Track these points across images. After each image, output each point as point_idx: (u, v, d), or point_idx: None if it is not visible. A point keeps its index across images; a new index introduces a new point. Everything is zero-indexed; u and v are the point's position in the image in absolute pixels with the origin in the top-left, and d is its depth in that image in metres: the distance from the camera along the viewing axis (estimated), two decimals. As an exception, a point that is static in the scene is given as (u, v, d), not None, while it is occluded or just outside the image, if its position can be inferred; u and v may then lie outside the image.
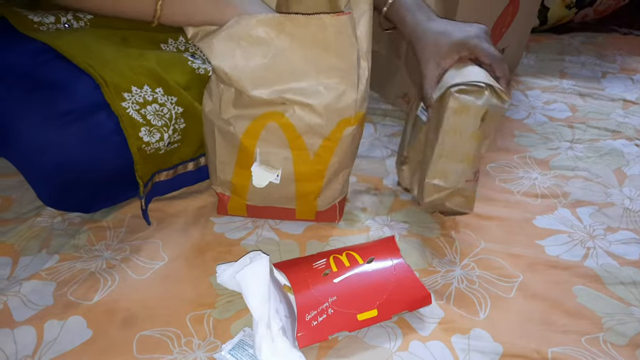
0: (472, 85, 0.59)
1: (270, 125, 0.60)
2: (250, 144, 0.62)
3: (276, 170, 0.63)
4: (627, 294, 0.63)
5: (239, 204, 0.70)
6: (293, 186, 0.65)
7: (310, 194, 0.66)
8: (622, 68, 1.19)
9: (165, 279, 0.63)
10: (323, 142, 0.61)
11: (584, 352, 0.56)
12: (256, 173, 0.63)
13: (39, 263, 0.65)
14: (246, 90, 0.58)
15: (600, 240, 0.71)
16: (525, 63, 1.19)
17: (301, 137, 0.60)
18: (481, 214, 0.74)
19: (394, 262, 0.63)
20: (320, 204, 0.68)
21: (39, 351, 0.54)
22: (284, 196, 0.67)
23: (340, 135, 0.61)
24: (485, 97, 0.58)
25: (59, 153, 0.61)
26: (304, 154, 0.62)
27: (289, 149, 0.62)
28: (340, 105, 0.59)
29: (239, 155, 0.63)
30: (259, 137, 0.61)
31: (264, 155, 0.63)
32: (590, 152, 0.89)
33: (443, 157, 0.64)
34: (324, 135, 0.61)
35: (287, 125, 0.60)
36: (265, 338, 0.52)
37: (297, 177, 0.64)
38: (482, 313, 0.60)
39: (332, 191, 0.67)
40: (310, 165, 0.63)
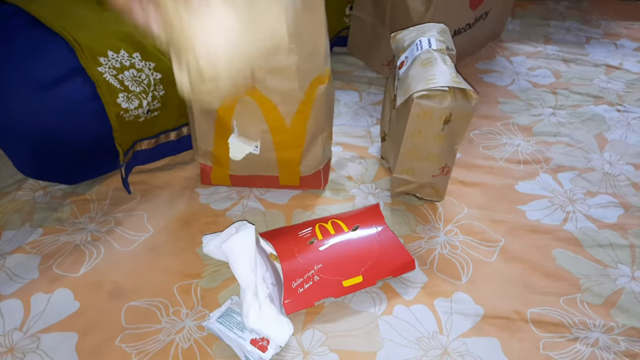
0: (435, 90, 0.59)
1: (245, 99, 0.59)
2: (227, 116, 0.61)
3: (254, 141, 0.63)
4: (605, 256, 0.65)
5: (222, 173, 0.70)
6: (273, 154, 0.65)
7: (292, 161, 0.66)
8: (606, 33, 1.18)
9: (151, 250, 0.63)
10: (299, 107, 0.60)
11: (561, 312, 0.58)
12: (233, 145, 0.63)
13: (23, 237, 0.64)
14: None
15: (580, 204, 0.72)
16: (510, 29, 1.18)
17: (277, 107, 0.60)
18: (464, 181, 0.75)
19: (378, 229, 0.64)
20: (303, 169, 0.68)
21: (27, 323, 0.55)
22: (265, 165, 0.67)
23: (314, 95, 0.60)
24: (448, 100, 0.58)
25: (33, 120, 0.60)
26: (281, 124, 0.61)
27: (265, 121, 0.61)
28: (313, 64, 0.58)
29: (216, 126, 0.63)
30: (234, 110, 0.61)
31: (241, 127, 0.62)
32: (573, 117, 0.90)
33: (408, 156, 0.65)
34: (299, 99, 0.60)
35: (260, 98, 0.59)
36: (253, 306, 0.53)
37: (276, 146, 0.64)
38: (464, 277, 0.62)
39: (313, 155, 0.67)
40: (288, 133, 0.63)
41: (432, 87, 0.58)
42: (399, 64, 0.68)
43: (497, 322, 0.57)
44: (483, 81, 1.00)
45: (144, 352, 0.53)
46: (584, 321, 0.57)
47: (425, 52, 0.64)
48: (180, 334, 0.54)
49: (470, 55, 1.07)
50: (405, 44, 0.69)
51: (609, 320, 0.57)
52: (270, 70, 0.57)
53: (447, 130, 0.61)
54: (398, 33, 0.72)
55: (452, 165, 0.66)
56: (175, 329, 0.55)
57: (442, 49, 0.64)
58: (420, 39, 0.66)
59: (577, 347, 0.55)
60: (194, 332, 0.55)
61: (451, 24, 0.87)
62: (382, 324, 0.56)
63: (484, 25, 1.01)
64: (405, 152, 0.64)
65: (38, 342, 0.53)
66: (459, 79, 0.59)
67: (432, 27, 0.69)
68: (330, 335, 0.55)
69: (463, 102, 0.59)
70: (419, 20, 0.85)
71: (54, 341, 0.53)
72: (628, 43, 1.15)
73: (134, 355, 0.52)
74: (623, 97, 0.96)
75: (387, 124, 0.74)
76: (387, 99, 0.75)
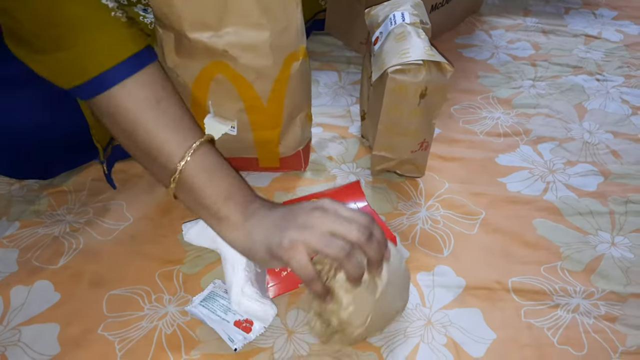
0: (409, 64, 0.58)
1: (219, 77, 0.58)
2: (202, 96, 0.60)
3: (230, 121, 0.62)
4: (585, 224, 0.66)
5: None
6: (251, 135, 0.64)
7: (270, 142, 0.66)
8: (585, 3, 1.18)
9: (132, 239, 0.63)
10: (274, 85, 0.59)
11: (542, 280, 0.59)
12: (209, 125, 0.62)
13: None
14: (184, 32, 0.55)
15: (560, 174, 0.73)
16: (490, 2, 1.17)
17: (252, 86, 0.59)
18: (445, 156, 0.75)
19: (359, 206, 0.64)
20: (282, 150, 0.67)
21: (7, 317, 0.54)
22: (244, 146, 0.66)
23: (289, 72, 0.60)
24: (423, 74, 0.58)
25: (6, 119, 0.59)
26: (257, 103, 0.60)
27: (241, 100, 0.60)
28: (288, 40, 0.57)
29: (192, 107, 0.61)
30: (209, 89, 0.60)
31: (216, 107, 0.61)
32: (552, 89, 0.90)
33: (386, 133, 0.64)
34: (273, 77, 0.59)
35: (235, 76, 0.58)
36: (242, 280, 0.52)
37: (253, 126, 0.63)
38: (446, 250, 0.62)
39: (292, 136, 0.67)
40: (265, 113, 0.62)
41: (406, 61, 0.58)
42: (373, 39, 0.67)
43: (478, 292, 0.57)
44: (463, 56, 0.99)
45: (127, 339, 0.52)
46: (564, 288, 0.58)
47: (399, 27, 0.63)
48: (164, 319, 0.54)
49: (449, 30, 1.06)
50: (379, 19, 0.68)
51: (589, 286, 0.58)
52: (243, 47, 0.56)
53: (423, 105, 0.61)
54: (372, 9, 0.71)
55: (431, 140, 0.66)
56: (158, 315, 0.55)
57: (415, 22, 0.63)
58: (393, 14, 0.65)
59: (558, 313, 0.55)
60: (177, 317, 0.55)
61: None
62: (365, 300, 0.56)
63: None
64: (383, 128, 0.64)
65: (19, 334, 0.53)
66: (433, 52, 0.59)
67: (406, 1, 0.68)
68: (314, 314, 0.55)
69: (438, 75, 0.59)
70: (395, -4, 0.84)
71: (36, 333, 0.53)
72: (607, 12, 1.15)
73: (117, 342, 0.52)
74: (602, 66, 0.96)
75: (366, 102, 0.73)
76: (364, 76, 0.75)
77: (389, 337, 0.53)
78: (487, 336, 0.53)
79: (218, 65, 0.57)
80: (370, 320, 0.48)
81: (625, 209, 0.67)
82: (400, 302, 0.53)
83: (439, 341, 0.53)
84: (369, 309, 0.48)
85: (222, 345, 0.52)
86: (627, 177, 0.72)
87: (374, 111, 0.66)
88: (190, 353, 0.51)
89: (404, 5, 0.67)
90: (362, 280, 0.47)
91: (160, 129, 0.50)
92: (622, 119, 0.84)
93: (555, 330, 0.54)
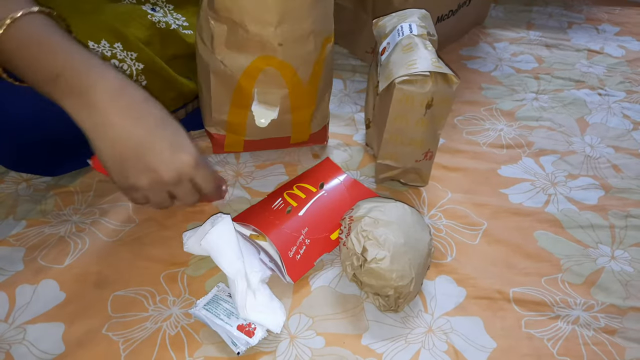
0: (416, 75, 0.59)
1: (268, 69, 0.62)
2: (248, 85, 0.63)
3: (275, 107, 0.65)
4: (585, 237, 0.66)
5: (236, 140, 0.72)
6: (289, 116, 0.68)
7: (305, 121, 0.70)
8: (587, 18, 1.20)
9: (137, 240, 0.63)
10: (314, 67, 0.64)
11: (543, 292, 0.59)
12: (257, 112, 0.65)
13: (6, 229, 0.64)
14: (245, 25, 0.58)
15: (561, 186, 0.74)
16: (494, 15, 1.19)
17: (296, 72, 0.63)
18: (448, 166, 0.76)
19: (341, 179, 0.69)
20: (314, 127, 0.73)
21: (12, 315, 0.55)
22: (281, 126, 0.69)
23: (325, 54, 0.64)
24: (430, 85, 0.59)
25: (12, 111, 0.59)
26: (299, 86, 0.64)
27: (286, 87, 0.64)
28: (324, 25, 0.62)
29: (234, 95, 0.65)
30: (257, 79, 0.63)
31: (261, 95, 0.64)
32: (555, 102, 0.91)
33: (391, 142, 0.65)
34: (313, 60, 0.63)
35: (282, 66, 0.61)
36: (248, 296, 0.53)
37: (293, 108, 0.67)
38: (448, 259, 0.62)
39: (322, 112, 0.73)
40: (304, 94, 0.66)
41: (414, 72, 0.59)
42: (380, 50, 0.68)
43: (480, 302, 0.58)
44: (467, 67, 1.00)
45: (131, 339, 0.53)
46: (565, 300, 0.58)
47: (407, 38, 0.64)
48: (168, 321, 0.55)
49: (453, 42, 1.07)
50: (386, 30, 0.69)
51: (589, 299, 0.59)
52: (294, 39, 0.60)
53: (429, 115, 0.62)
54: (380, 19, 0.72)
55: (435, 150, 0.67)
56: (162, 317, 0.55)
57: (423, 34, 0.64)
58: (401, 25, 0.66)
59: (558, 324, 0.56)
60: (181, 319, 0.55)
61: (434, 11, 0.88)
62: (367, 307, 0.57)
63: (468, 11, 1.02)
64: (388, 137, 0.65)
65: (24, 333, 0.53)
66: (439, 64, 0.60)
67: (414, 13, 0.69)
68: (317, 319, 0.56)
69: (444, 87, 0.60)
70: (401, 7, 0.85)
71: (41, 332, 0.53)
72: (609, 28, 1.16)
73: (121, 343, 0.53)
74: (604, 81, 0.98)
75: (371, 111, 0.74)
76: (370, 86, 0.76)
77: (390, 343, 0.53)
78: (487, 345, 0.54)
79: (267, 59, 0.61)
80: (410, 260, 0.53)
81: (625, 223, 0.68)
82: (426, 236, 0.57)
83: (439, 348, 0.53)
84: (402, 250, 0.53)
85: (226, 349, 0.52)
86: (627, 192, 0.73)
87: (380, 120, 0.67)
88: (194, 355, 0.52)
89: (412, 17, 0.68)
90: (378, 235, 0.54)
91: None
92: (623, 133, 0.85)
93: (555, 341, 0.54)
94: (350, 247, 0.55)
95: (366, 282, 0.54)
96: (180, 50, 0.72)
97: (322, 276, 0.60)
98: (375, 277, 0.53)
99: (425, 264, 0.56)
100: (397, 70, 0.60)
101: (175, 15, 0.73)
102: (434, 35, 0.67)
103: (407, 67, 0.60)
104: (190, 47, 0.72)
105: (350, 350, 0.53)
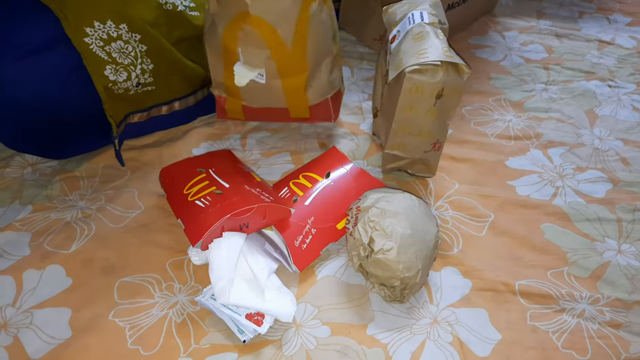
0: (427, 64, 0.58)
1: (246, 27, 0.61)
2: (232, 45, 0.64)
3: (258, 69, 0.65)
4: (592, 230, 0.66)
5: (236, 104, 0.73)
6: (279, 82, 0.67)
7: (299, 89, 0.69)
8: (599, 8, 1.18)
9: (143, 227, 0.63)
10: (296, 27, 0.62)
11: (548, 284, 0.59)
12: (237, 72, 0.66)
13: (12, 214, 0.64)
14: None
15: (569, 179, 0.73)
16: (504, 3, 1.17)
17: (275, 30, 0.61)
18: (455, 157, 0.75)
19: (347, 168, 0.68)
20: (310, 97, 0.70)
21: (20, 299, 0.55)
22: (274, 95, 0.69)
23: (308, 13, 0.62)
24: (441, 75, 0.58)
25: (15, 90, 0.59)
26: (282, 48, 0.63)
27: (267, 48, 0.63)
28: None
29: (224, 58, 0.66)
30: (239, 39, 0.63)
31: (246, 55, 0.65)
32: (564, 93, 0.90)
33: (399, 132, 0.65)
34: (294, 18, 0.62)
35: (259, 23, 0.61)
36: (257, 295, 0.53)
37: (280, 73, 0.66)
38: (454, 250, 0.62)
39: (319, 82, 0.70)
40: (291, 57, 0.65)
41: (424, 61, 0.58)
42: (390, 38, 0.67)
43: (485, 293, 0.58)
44: (475, 56, 0.99)
45: (138, 326, 0.53)
46: (570, 293, 0.58)
47: (418, 26, 0.63)
48: (174, 308, 0.55)
49: (463, 30, 1.06)
50: (397, 17, 0.68)
51: (594, 292, 0.59)
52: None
53: (439, 105, 0.61)
54: (390, 6, 0.71)
55: (444, 141, 0.66)
56: (168, 304, 0.55)
57: (434, 22, 0.63)
58: (412, 13, 0.65)
59: (564, 317, 0.56)
60: (187, 306, 0.55)
61: (444, -2, 0.86)
62: (373, 297, 0.57)
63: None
64: (397, 127, 0.64)
65: (31, 317, 0.53)
66: (451, 53, 0.59)
67: (425, 1, 0.68)
68: (323, 309, 0.56)
69: (455, 77, 0.59)
70: (412, -6, 0.84)
71: (48, 316, 0.54)
72: (621, 18, 1.14)
73: (127, 329, 0.53)
74: (614, 72, 0.96)
75: (379, 100, 0.73)
76: (379, 74, 0.75)
77: (395, 334, 0.53)
78: (492, 336, 0.54)
79: (243, 15, 0.61)
80: (416, 252, 0.53)
81: (632, 217, 0.68)
82: (433, 227, 0.57)
83: (444, 339, 0.53)
84: (409, 240, 0.53)
85: (231, 336, 0.52)
86: (635, 186, 0.72)
87: (388, 109, 0.66)
88: (200, 342, 0.52)
89: (423, 4, 0.66)
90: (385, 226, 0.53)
91: None
92: (633, 126, 0.84)
93: (560, 334, 0.54)
94: (357, 237, 0.55)
95: (372, 273, 0.54)
96: (187, 32, 0.71)
97: (327, 266, 0.60)
98: (382, 267, 0.53)
99: (431, 255, 0.56)
100: (408, 59, 0.59)
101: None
102: (445, 24, 0.66)
103: (417, 56, 0.59)
104: (197, 29, 0.72)
105: (355, 340, 0.53)
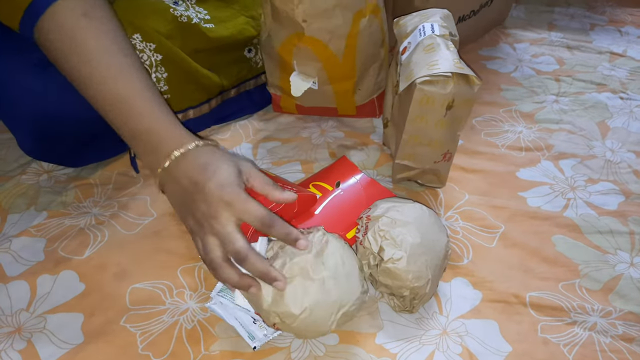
0: (438, 75, 0.59)
1: (300, 45, 0.69)
2: (288, 57, 0.72)
3: (312, 78, 0.73)
4: (604, 242, 0.66)
5: (290, 102, 0.81)
6: (330, 87, 0.75)
7: (347, 92, 0.77)
8: (610, 20, 1.18)
9: (155, 234, 0.64)
10: (347, 41, 0.70)
11: (560, 297, 0.59)
12: (294, 82, 0.74)
13: (28, 220, 0.65)
14: (273, 1, 0.67)
15: (581, 191, 0.73)
16: (515, 15, 1.17)
17: (327, 46, 0.69)
18: (466, 167, 0.76)
19: (357, 178, 0.68)
20: (358, 99, 0.79)
21: (33, 304, 0.56)
22: (325, 97, 0.77)
23: (358, 29, 0.69)
24: (451, 86, 0.58)
25: (38, 101, 0.60)
26: (334, 60, 0.71)
27: (319, 60, 0.71)
28: (349, 1, 0.67)
29: (280, 65, 0.75)
30: (293, 53, 0.71)
31: (300, 66, 0.73)
32: (575, 105, 0.90)
33: (410, 142, 0.65)
34: (345, 34, 0.69)
35: (312, 41, 0.69)
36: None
37: (331, 80, 0.74)
38: (464, 261, 0.62)
39: (367, 85, 0.78)
40: (341, 67, 0.73)
41: (435, 72, 0.59)
42: (401, 49, 0.68)
43: (495, 305, 0.57)
44: (486, 68, 0.99)
45: (149, 332, 0.54)
46: (582, 305, 0.58)
47: (428, 38, 0.63)
48: (184, 315, 0.55)
49: (473, 42, 1.06)
50: (408, 29, 0.68)
51: (607, 305, 0.58)
52: (317, 14, 0.66)
53: (449, 116, 0.61)
54: (401, 19, 0.72)
55: (454, 151, 0.67)
56: (179, 311, 0.56)
57: (445, 34, 0.64)
58: (423, 25, 0.66)
59: (575, 330, 0.55)
60: (197, 313, 0.56)
61: (456, 11, 0.87)
62: (382, 306, 0.57)
63: (489, 11, 1.01)
64: (407, 138, 0.65)
65: (44, 322, 0.54)
66: (461, 65, 0.59)
67: (436, 13, 0.68)
68: (332, 318, 0.56)
69: (466, 88, 0.59)
70: (422, 7, 0.85)
71: (60, 321, 0.54)
72: (633, 30, 1.14)
73: (138, 335, 0.53)
74: (626, 84, 0.96)
75: (390, 110, 0.74)
76: (389, 85, 0.76)
77: (404, 344, 0.53)
78: (502, 348, 0.54)
79: (298, 36, 0.69)
80: (426, 261, 0.53)
81: (645, 230, 0.67)
82: (443, 237, 0.57)
83: (454, 350, 0.53)
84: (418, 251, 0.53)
85: (241, 343, 0.53)
86: (648, 198, 0.72)
87: (399, 120, 0.67)
88: (210, 349, 0.52)
89: (434, 16, 0.67)
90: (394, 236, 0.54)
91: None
92: (645, 138, 0.83)
93: (571, 347, 0.54)
94: (367, 246, 0.55)
95: (382, 282, 0.54)
96: (202, 45, 0.72)
97: (337, 275, 0.60)
98: (392, 277, 0.53)
99: (441, 265, 0.56)
100: (418, 70, 0.60)
101: (197, 9, 0.73)
102: (455, 36, 0.67)
103: (428, 68, 0.59)
104: (211, 41, 0.73)
105: (363, 348, 0.53)
